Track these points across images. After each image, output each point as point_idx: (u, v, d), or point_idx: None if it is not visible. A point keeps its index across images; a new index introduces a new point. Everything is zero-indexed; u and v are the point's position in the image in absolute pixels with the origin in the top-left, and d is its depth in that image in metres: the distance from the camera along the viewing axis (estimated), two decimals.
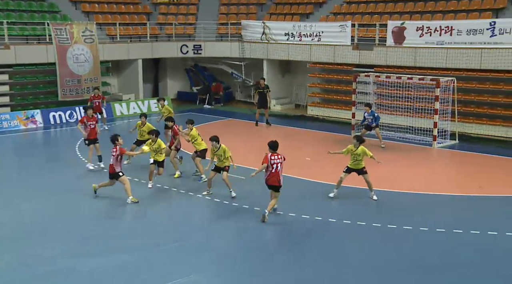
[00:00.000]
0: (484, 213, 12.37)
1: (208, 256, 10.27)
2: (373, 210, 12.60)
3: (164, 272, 9.56)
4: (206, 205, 13.07)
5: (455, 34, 20.33)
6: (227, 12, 29.95)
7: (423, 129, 19.05)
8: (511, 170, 15.76)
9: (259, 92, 22.31)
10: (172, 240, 10.97)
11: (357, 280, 9.23)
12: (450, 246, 10.56)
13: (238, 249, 10.66)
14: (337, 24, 24.08)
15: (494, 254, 10.20)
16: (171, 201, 13.50)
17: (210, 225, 11.90)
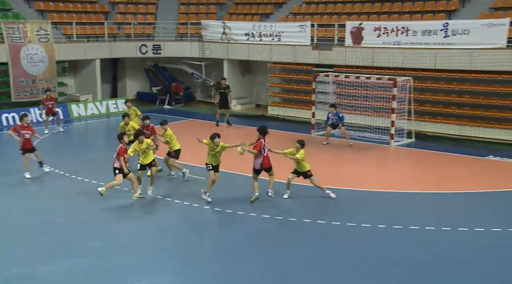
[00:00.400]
0: (439, 210, 12.62)
1: (168, 259, 10.16)
2: (333, 208, 12.71)
3: (123, 276, 9.42)
4: (170, 208, 12.90)
5: (411, 35, 20.72)
6: (187, 11, 29.74)
7: (381, 128, 19.35)
8: (464, 167, 16.17)
9: (220, 92, 22.26)
10: (132, 243, 10.81)
11: (318, 279, 9.28)
12: (407, 242, 10.75)
13: (199, 252, 10.55)
14: (296, 24, 24.22)
15: (447, 248, 10.41)
16: (133, 204, 13.28)
17: (173, 228, 11.77)
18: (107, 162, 16.71)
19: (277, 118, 23.78)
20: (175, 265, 9.91)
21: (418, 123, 19.86)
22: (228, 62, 26.52)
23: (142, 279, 9.30)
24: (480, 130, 19.28)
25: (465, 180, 14.78)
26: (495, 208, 12.69)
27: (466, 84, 19.99)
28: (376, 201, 13.20)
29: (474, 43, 19.19)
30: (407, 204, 13.03)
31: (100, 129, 23.87)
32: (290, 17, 26.46)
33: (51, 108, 21.46)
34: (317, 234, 11.19)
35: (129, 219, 12.35)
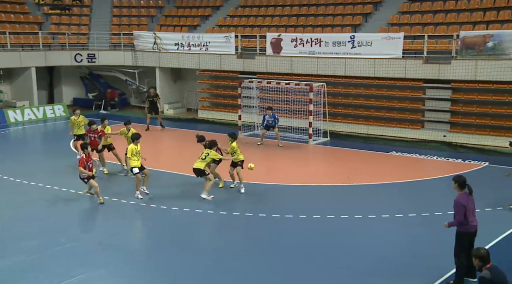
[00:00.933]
0: (351, 200, 12.98)
1: (106, 254, 9.82)
2: (252, 201, 12.79)
3: (65, 270, 9.03)
4: (109, 205, 12.44)
5: (323, 45, 21.23)
6: (119, 23, 28.84)
7: (300, 128, 19.70)
8: (371, 162, 16.72)
9: (149, 100, 21.67)
10: (71, 239, 10.38)
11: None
12: (317, 229, 11.02)
13: (138, 247, 10.30)
14: (222, 35, 24.16)
15: (358, 235, 10.76)
16: (71, 202, 12.70)
17: (109, 224, 11.37)
18: (43, 164, 15.97)
19: (207, 121, 23.63)
20: (117, 259, 9.58)
21: (332, 123, 20.37)
22: (160, 70, 26.00)
23: (84, 272, 8.95)
24: (384, 129, 20.06)
25: (373, 173, 15.31)
26: (397, 196, 13.25)
27: (371, 89, 20.76)
28: (298, 193, 13.40)
29: (376, 53, 19.92)
30: (324, 196, 13.31)
31: (37, 133, 22.65)
32: (216, 28, 26.36)
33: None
34: (232, 225, 11.24)
35: (69, 216, 11.78)
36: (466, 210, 8.24)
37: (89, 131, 14.96)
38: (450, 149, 17.97)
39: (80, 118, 16.54)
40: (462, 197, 8.34)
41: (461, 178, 8.45)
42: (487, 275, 6.77)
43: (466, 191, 8.38)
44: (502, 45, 17.64)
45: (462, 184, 8.39)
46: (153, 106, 21.62)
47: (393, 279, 8.86)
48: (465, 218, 8.26)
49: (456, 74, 18.45)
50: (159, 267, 9.34)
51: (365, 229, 11.05)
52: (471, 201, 8.44)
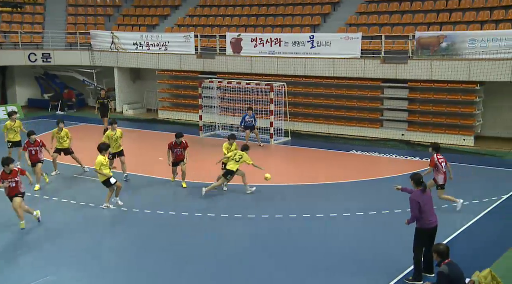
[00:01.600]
0: (312, 199, 12.99)
1: (65, 258, 9.54)
2: (222, 203, 12.66)
3: (18, 275, 8.76)
4: (58, 206, 12.06)
5: (283, 45, 21.25)
6: (75, 22, 28.02)
7: (262, 128, 19.64)
8: (332, 161, 16.88)
9: (99, 102, 20.34)
10: (29, 244, 10.06)
11: None
12: (276, 229, 11.01)
13: (100, 250, 9.97)
14: (181, 35, 23.85)
15: (318, 233, 10.79)
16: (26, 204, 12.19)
17: (70, 228, 11.00)
18: None
19: (167, 121, 23.26)
20: (74, 264, 9.25)
21: (293, 123, 20.42)
22: (118, 70, 25.44)
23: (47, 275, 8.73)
24: (344, 128, 20.26)
25: (333, 172, 15.42)
26: (357, 195, 13.36)
27: (331, 88, 20.94)
28: (258, 193, 13.32)
29: (335, 53, 20.08)
30: (284, 195, 13.27)
31: None
32: (175, 28, 26.00)
33: None
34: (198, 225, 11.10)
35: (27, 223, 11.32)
36: (421, 206, 8.40)
37: (28, 144, 13.38)
38: (408, 147, 18.33)
39: (17, 123, 15.53)
40: (416, 194, 8.56)
41: (416, 176, 8.75)
42: (445, 270, 6.95)
43: (421, 188, 8.57)
44: (454, 46, 18.13)
45: (418, 182, 8.66)
46: (103, 109, 20.09)
47: (353, 276, 8.91)
48: (420, 214, 8.42)
49: (412, 74, 18.84)
50: (117, 268, 9.09)
51: (325, 227, 11.08)
52: (427, 198, 8.62)
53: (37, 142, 13.63)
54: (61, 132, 14.59)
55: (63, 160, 15.20)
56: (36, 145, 13.58)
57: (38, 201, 12.57)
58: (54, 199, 12.81)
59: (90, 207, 12.19)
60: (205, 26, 25.41)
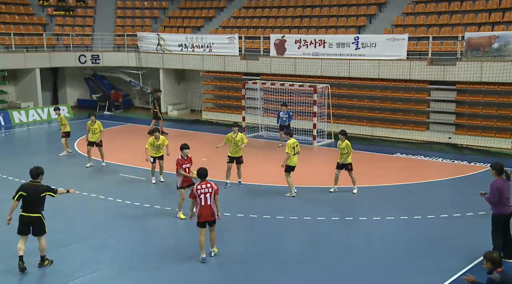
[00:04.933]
0: (356, 202, 12.93)
1: (111, 254, 9.83)
2: (263, 203, 12.76)
3: (69, 270, 9.06)
4: (107, 206, 12.47)
5: (327, 47, 21.13)
6: (123, 24, 28.90)
7: (305, 130, 19.65)
8: (375, 163, 16.67)
9: (159, 104, 21.04)
10: (75, 240, 10.40)
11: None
12: (319, 231, 10.99)
13: (143, 248, 10.23)
14: (225, 37, 24.15)
15: (362, 237, 10.74)
16: (72, 202, 12.71)
17: (114, 224, 11.35)
18: (47, 165, 15.98)
19: (210, 122, 23.61)
20: (120, 261, 9.54)
21: (336, 125, 20.24)
22: (163, 71, 26.03)
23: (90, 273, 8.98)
24: (389, 131, 19.99)
25: (377, 175, 15.24)
26: (402, 199, 13.14)
27: (376, 90, 20.69)
28: (302, 195, 13.33)
29: (380, 54, 19.84)
30: (328, 198, 13.23)
31: (41, 134, 22.70)
32: (219, 30, 26.36)
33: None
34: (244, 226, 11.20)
35: (74, 217, 11.80)
36: (501, 194, 8.94)
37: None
38: (456, 151, 17.89)
39: (60, 117, 17.21)
40: (498, 182, 9.07)
41: (498, 165, 9.22)
42: (497, 278, 6.74)
43: (503, 177, 9.09)
44: (508, 46, 17.55)
45: (499, 170, 9.15)
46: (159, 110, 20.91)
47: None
48: (499, 201, 8.97)
49: (461, 76, 18.37)
50: (160, 269, 9.34)
51: (368, 230, 11.00)
52: (507, 187, 9.10)
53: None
54: (94, 124, 15.62)
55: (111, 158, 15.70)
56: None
57: (90, 198, 13.03)
58: (118, 200, 13.25)
59: (135, 206, 12.54)
60: (249, 28, 25.65)
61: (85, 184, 13.89)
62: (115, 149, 18.42)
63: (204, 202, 9.10)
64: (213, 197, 9.15)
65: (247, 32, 25.20)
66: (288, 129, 18.33)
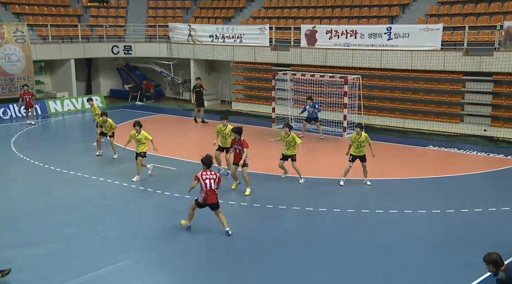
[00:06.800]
0: (386, 195, 12.73)
1: (141, 243, 9.94)
2: (294, 194, 12.72)
3: (97, 259, 9.22)
4: (137, 195, 12.65)
5: (359, 37, 20.82)
6: (155, 15, 29.13)
7: (335, 121, 19.46)
8: (408, 156, 16.40)
9: (196, 91, 21.58)
10: (106, 228, 10.58)
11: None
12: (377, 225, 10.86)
13: (167, 236, 10.33)
14: (256, 27, 24.05)
15: (394, 230, 10.57)
16: (106, 191, 12.97)
17: (141, 214, 11.51)
18: (82, 154, 16.37)
19: (240, 113, 23.63)
20: (149, 250, 9.68)
21: (367, 117, 20.02)
22: (194, 62, 26.15)
23: (120, 261, 9.11)
24: (421, 123, 19.60)
25: (409, 168, 14.99)
26: (434, 192, 12.91)
27: (408, 82, 20.29)
28: (332, 187, 13.23)
29: (413, 45, 19.42)
30: (358, 190, 13.07)
31: (76, 124, 23.20)
32: (250, 20, 26.27)
33: (29, 101, 21.25)
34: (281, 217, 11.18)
35: (103, 206, 12.03)
36: None
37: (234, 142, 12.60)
38: (491, 144, 17.40)
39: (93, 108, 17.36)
40: None
41: None
42: (503, 276, 6.78)
43: None
44: None
45: None
46: (199, 98, 21.43)
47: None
48: None
49: (498, 66, 17.80)
50: (190, 257, 9.41)
51: (400, 224, 10.83)
52: None
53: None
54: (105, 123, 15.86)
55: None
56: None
57: (123, 188, 13.25)
58: (149, 190, 13.45)
59: (166, 196, 12.68)
60: (280, 18, 25.47)
61: (118, 174, 14.09)
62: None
63: (209, 187, 9.85)
64: (217, 183, 9.95)
65: (278, 23, 25.03)
66: (317, 120, 18.36)
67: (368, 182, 13.32)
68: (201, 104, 21.57)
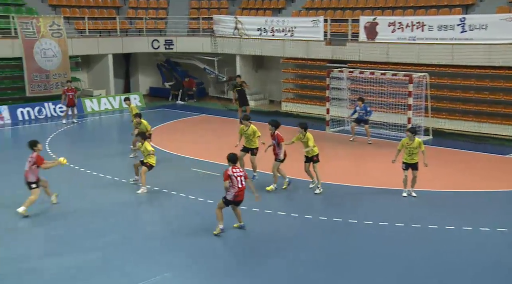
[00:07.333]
0: (457, 209, 12.13)
1: (181, 254, 9.84)
2: (347, 205, 12.21)
3: (137, 270, 9.15)
4: (181, 203, 12.54)
5: (426, 30, 20.13)
6: (199, 6, 29.22)
7: (397, 125, 18.83)
8: (482, 165, 15.63)
9: (237, 90, 21.37)
10: (145, 237, 10.52)
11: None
12: (423, 241, 10.24)
13: (213, 248, 10.13)
14: (309, 19, 23.67)
15: (467, 249, 9.91)
16: (142, 198, 12.90)
17: (181, 222, 11.37)
18: (119, 157, 16.42)
19: (290, 114, 23.25)
20: (191, 262, 9.54)
21: (435, 120, 19.32)
22: (240, 58, 25.99)
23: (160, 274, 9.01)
24: (500, 128, 18.65)
25: (484, 179, 14.22)
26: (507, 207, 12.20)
27: (485, 80, 19.38)
28: (387, 199, 12.65)
29: (492, 38, 18.55)
30: (422, 203, 12.47)
31: (113, 124, 23.50)
32: (302, 12, 25.90)
33: (72, 98, 21.71)
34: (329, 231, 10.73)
35: (144, 212, 11.95)
36: None
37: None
38: None
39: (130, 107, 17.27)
40: None
41: None
42: None
43: None
44: None
45: None
46: (242, 97, 21.25)
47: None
48: None
49: None
50: (230, 272, 9.09)
51: (475, 242, 10.20)
52: None
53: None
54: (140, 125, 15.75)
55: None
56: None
57: (162, 193, 13.13)
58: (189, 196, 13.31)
59: (208, 204, 12.45)
60: (336, 9, 24.98)
61: (154, 179, 13.98)
62: (187, 142, 18.60)
63: (241, 184, 10.22)
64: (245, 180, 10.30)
65: (334, 14, 24.55)
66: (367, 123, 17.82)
67: (413, 193, 12.73)
68: (244, 102, 21.37)
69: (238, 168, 10.39)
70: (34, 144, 11.74)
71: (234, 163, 10.41)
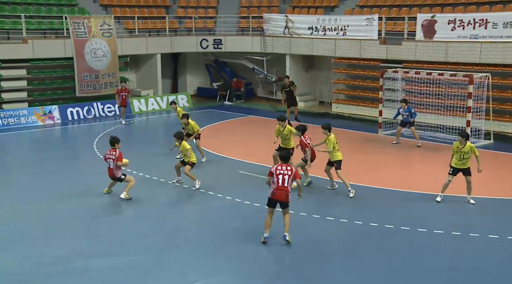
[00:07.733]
0: (504, 216, 11.90)
1: (224, 257, 10.04)
2: (389, 211, 12.18)
3: (181, 273, 9.40)
4: (223, 205, 12.79)
5: (490, 27, 19.67)
6: (248, 5, 29.60)
7: (455, 128, 18.50)
8: None
9: (285, 91, 21.51)
10: (188, 240, 10.79)
11: None
12: (467, 250, 10.13)
13: (257, 251, 10.27)
14: (363, 18, 23.58)
15: None
16: (188, 200, 13.28)
17: (227, 225, 11.56)
18: (165, 156, 16.84)
19: (341, 116, 23.26)
20: (234, 265, 9.74)
21: (498, 123, 18.91)
22: (290, 57, 26.19)
23: (203, 278, 9.22)
24: None
25: None
26: None
27: None
28: (448, 206, 12.50)
29: None
30: (473, 211, 12.31)
31: (160, 125, 24.15)
32: (356, 9, 25.83)
33: (125, 99, 22.46)
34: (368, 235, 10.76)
35: (189, 215, 12.31)
36: None
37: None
38: None
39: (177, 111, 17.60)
40: None
41: None
42: None
43: None
44: None
45: None
46: (290, 98, 21.36)
47: None
48: None
49: None
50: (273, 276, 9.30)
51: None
52: None
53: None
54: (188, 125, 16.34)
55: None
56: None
57: (209, 196, 13.51)
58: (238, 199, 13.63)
59: (253, 206, 12.71)
60: (392, 7, 24.77)
61: (202, 181, 14.36)
62: (234, 143, 18.94)
63: (281, 183, 10.27)
64: (291, 180, 10.31)
65: (389, 12, 24.36)
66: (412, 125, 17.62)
67: (472, 200, 12.54)
68: (293, 103, 21.43)
69: (286, 166, 10.46)
70: (116, 141, 12.96)
71: (284, 161, 10.64)
